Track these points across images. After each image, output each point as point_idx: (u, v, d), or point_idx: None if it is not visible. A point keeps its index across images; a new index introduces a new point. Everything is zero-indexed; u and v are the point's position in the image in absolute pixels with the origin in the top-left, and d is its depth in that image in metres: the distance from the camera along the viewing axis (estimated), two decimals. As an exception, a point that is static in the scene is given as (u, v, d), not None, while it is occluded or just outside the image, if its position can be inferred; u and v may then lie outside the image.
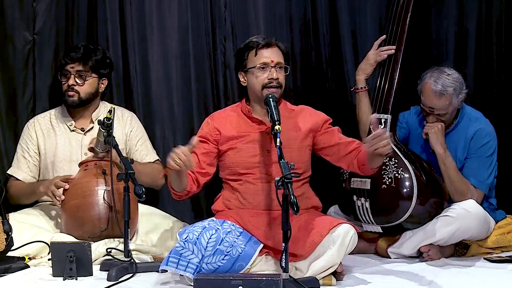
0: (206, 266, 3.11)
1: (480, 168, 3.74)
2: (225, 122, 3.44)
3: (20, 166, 3.88)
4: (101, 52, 3.94)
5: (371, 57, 3.91)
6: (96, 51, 3.92)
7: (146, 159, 3.98)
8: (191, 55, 4.25)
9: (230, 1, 4.25)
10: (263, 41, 3.41)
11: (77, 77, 3.86)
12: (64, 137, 3.89)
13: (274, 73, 3.36)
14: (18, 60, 4.06)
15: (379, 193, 3.68)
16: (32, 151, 3.88)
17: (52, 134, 3.90)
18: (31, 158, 3.88)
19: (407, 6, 3.89)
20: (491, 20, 4.30)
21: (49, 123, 3.93)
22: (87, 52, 3.88)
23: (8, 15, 4.02)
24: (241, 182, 3.38)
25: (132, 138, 3.97)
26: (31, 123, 3.94)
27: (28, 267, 3.39)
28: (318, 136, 3.44)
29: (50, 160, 3.86)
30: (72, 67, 3.86)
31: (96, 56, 3.90)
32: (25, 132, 3.93)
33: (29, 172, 3.87)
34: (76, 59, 3.86)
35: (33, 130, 3.90)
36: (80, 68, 3.86)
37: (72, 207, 3.55)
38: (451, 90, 3.69)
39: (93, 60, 3.88)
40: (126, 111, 4.04)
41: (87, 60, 3.87)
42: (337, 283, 3.19)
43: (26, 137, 3.91)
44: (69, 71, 3.87)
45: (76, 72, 3.86)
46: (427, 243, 3.63)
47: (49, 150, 3.87)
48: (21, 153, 3.89)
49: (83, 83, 3.86)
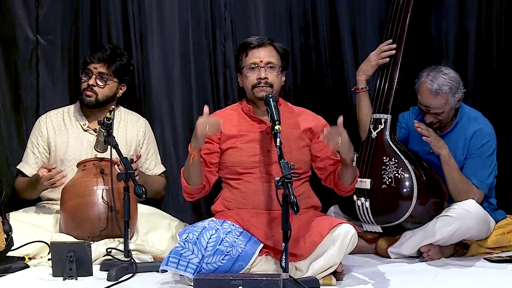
0: (206, 266, 3.11)
1: (480, 168, 3.75)
2: (226, 121, 3.44)
3: (29, 161, 3.87)
4: (127, 58, 3.94)
5: (372, 58, 3.91)
6: (122, 55, 3.91)
7: (154, 170, 3.99)
8: (191, 55, 4.25)
9: (230, 1, 4.25)
10: (256, 41, 3.43)
11: (99, 78, 3.85)
12: (76, 136, 3.87)
13: (262, 73, 3.37)
14: (22, 59, 4.07)
15: (379, 193, 3.68)
16: (41, 147, 3.87)
17: (64, 131, 3.89)
18: (40, 155, 3.87)
19: (407, 6, 3.89)
20: (491, 20, 4.30)
21: (61, 120, 3.92)
22: (113, 55, 3.87)
23: (12, 15, 4.03)
24: (241, 182, 3.38)
25: (144, 147, 3.97)
26: (43, 119, 3.92)
27: (28, 267, 3.40)
28: (314, 142, 3.45)
29: (60, 158, 3.84)
30: (95, 67, 3.85)
31: (121, 60, 3.89)
32: (36, 127, 3.91)
33: (37, 168, 3.84)
34: (101, 60, 3.84)
35: (45, 126, 3.89)
36: (103, 70, 3.85)
37: (71, 207, 3.55)
38: (447, 89, 3.69)
39: (117, 64, 3.87)
40: (140, 118, 4.03)
41: (112, 63, 3.86)
42: (337, 283, 3.19)
43: (36, 132, 3.89)
44: (92, 70, 3.85)
45: (99, 74, 3.85)
46: (427, 243, 3.63)
47: (60, 147, 3.86)
48: (30, 148, 3.89)
49: (103, 85, 3.85)
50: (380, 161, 3.72)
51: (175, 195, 4.22)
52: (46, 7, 4.07)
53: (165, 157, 4.16)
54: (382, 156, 3.73)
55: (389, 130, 3.78)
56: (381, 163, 3.71)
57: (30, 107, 4.09)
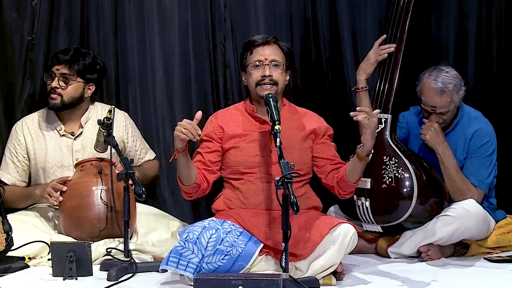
0: (206, 265, 3.11)
1: (480, 168, 3.75)
2: (229, 120, 3.45)
3: (9, 171, 3.80)
4: (91, 57, 3.83)
5: (371, 56, 3.91)
6: (85, 55, 3.81)
7: (146, 157, 3.99)
8: (191, 55, 4.25)
9: (230, 1, 4.25)
10: (261, 39, 3.43)
11: (61, 80, 3.75)
12: (54, 142, 3.80)
13: (266, 70, 3.37)
14: (16, 60, 4.05)
15: (379, 192, 3.68)
16: (20, 155, 3.80)
17: (42, 138, 3.81)
18: (20, 163, 3.80)
19: (407, 6, 3.89)
20: (491, 20, 4.30)
21: (37, 126, 3.83)
22: (75, 55, 3.77)
23: (7, 15, 4.02)
24: (243, 181, 3.38)
25: (129, 140, 3.94)
26: (19, 126, 3.84)
27: (28, 267, 3.40)
28: (316, 143, 3.45)
29: (41, 166, 3.78)
30: (57, 69, 3.77)
31: (85, 60, 3.78)
32: (13, 135, 3.83)
33: (18, 177, 3.80)
34: (63, 61, 3.76)
35: (21, 133, 3.81)
36: (65, 71, 3.76)
37: (70, 208, 3.54)
38: (451, 87, 3.69)
39: (80, 64, 3.77)
40: (118, 111, 3.91)
41: (73, 64, 3.76)
42: (337, 283, 3.19)
43: (14, 141, 3.82)
44: (54, 72, 3.77)
45: (61, 75, 3.76)
46: (427, 243, 3.63)
47: (39, 155, 3.79)
48: (9, 157, 3.82)
49: (65, 87, 3.75)
50: (380, 160, 3.72)
51: (175, 195, 4.23)
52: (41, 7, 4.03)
53: (166, 157, 4.15)
54: (382, 156, 3.73)
55: (389, 130, 3.78)
56: (381, 163, 3.71)
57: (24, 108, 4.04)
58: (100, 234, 3.50)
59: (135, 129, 4.00)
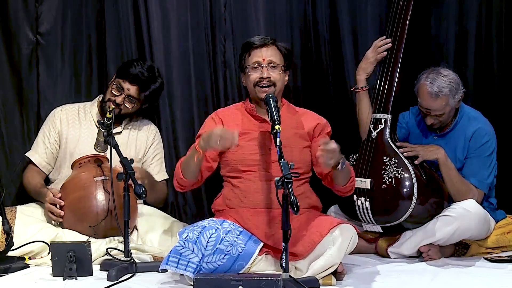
0: (206, 265, 3.11)
1: (480, 168, 3.74)
2: (229, 119, 3.46)
3: (38, 150, 3.87)
4: (160, 82, 3.88)
5: (370, 55, 3.91)
6: (156, 79, 3.86)
7: (156, 176, 3.96)
8: (191, 55, 4.25)
9: (230, 1, 4.25)
10: (259, 41, 3.44)
11: (127, 101, 3.81)
12: (88, 132, 3.86)
13: (264, 72, 3.38)
14: (23, 60, 4.08)
15: (379, 192, 3.68)
16: (52, 138, 3.87)
17: (77, 125, 3.88)
18: (50, 145, 3.87)
19: (407, 6, 3.88)
20: (491, 20, 4.30)
21: (76, 114, 3.91)
22: (149, 80, 3.80)
23: (12, 15, 4.04)
24: (242, 180, 3.38)
25: (150, 151, 3.96)
26: (58, 111, 3.92)
27: (28, 267, 3.39)
28: (314, 141, 3.45)
29: (70, 151, 3.83)
30: (128, 88, 3.80)
31: (155, 85, 3.84)
32: (50, 118, 3.91)
33: (46, 158, 3.86)
34: (136, 82, 3.79)
35: (59, 118, 3.89)
36: (134, 95, 3.80)
37: (73, 200, 3.55)
38: (447, 91, 3.69)
39: (150, 90, 3.83)
40: (152, 125, 4.02)
41: (145, 90, 3.81)
42: (337, 283, 3.19)
43: (50, 123, 3.89)
44: (123, 88, 3.79)
45: (128, 96, 3.80)
46: (427, 243, 3.63)
47: (71, 141, 3.85)
48: (41, 138, 3.89)
49: (130, 108, 3.82)
50: (380, 161, 3.72)
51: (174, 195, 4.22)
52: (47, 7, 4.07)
53: (165, 156, 4.15)
54: (382, 156, 3.73)
55: (389, 130, 3.78)
56: (381, 163, 3.71)
57: (31, 107, 4.09)
58: (101, 225, 3.49)
59: (160, 147, 4.03)
